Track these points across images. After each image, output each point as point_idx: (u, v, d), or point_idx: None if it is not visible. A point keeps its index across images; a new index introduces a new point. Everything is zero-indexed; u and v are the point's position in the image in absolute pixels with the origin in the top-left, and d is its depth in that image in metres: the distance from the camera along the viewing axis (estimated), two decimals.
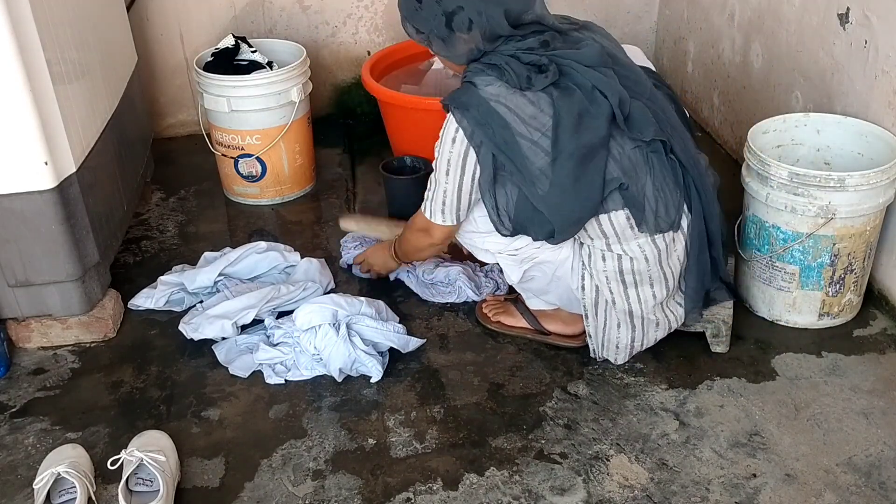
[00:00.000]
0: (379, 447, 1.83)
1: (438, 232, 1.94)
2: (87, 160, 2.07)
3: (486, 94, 1.74)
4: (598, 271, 1.88)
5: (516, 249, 1.90)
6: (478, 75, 1.77)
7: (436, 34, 1.81)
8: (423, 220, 1.94)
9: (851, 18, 2.18)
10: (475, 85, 1.76)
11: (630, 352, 1.99)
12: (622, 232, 1.83)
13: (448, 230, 1.94)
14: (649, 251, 1.85)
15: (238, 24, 3.07)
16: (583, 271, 1.90)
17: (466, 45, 1.80)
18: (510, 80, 1.74)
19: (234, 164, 2.71)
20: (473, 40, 1.78)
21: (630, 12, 3.36)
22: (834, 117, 2.18)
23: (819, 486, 1.70)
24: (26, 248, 1.98)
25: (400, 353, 2.06)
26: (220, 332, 2.09)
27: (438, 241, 1.98)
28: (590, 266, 1.88)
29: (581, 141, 1.74)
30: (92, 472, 1.74)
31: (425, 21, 1.80)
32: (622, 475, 1.74)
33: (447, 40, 1.80)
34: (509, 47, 1.77)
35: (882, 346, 2.07)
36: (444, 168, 1.82)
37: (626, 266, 1.85)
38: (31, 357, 2.12)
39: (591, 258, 1.88)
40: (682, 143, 1.89)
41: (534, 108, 1.73)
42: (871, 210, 1.98)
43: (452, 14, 1.76)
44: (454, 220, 1.90)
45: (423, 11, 1.79)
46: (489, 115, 1.73)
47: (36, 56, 1.84)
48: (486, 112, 1.74)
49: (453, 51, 1.82)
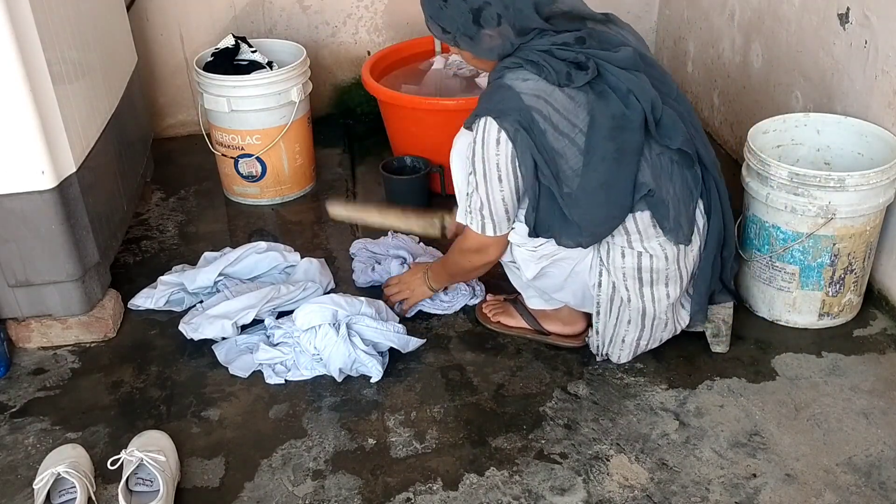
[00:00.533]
0: (379, 447, 1.83)
1: (495, 247, 1.88)
2: (87, 160, 2.07)
3: (524, 94, 1.69)
4: (616, 268, 1.87)
5: (537, 246, 1.87)
6: (513, 71, 1.73)
7: (463, 32, 1.75)
8: (479, 239, 1.86)
9: (851, 18, 2.18)
10: (510, 86, 1.71)
11: (634, 351, 1.99)
12: (645, 230, 1.82)
13: (505, 241, 1.88)
14: (669, 249, 1.85)
15: (238, 24, 3.07)
16: (601, 268, 1.89)
17: (495, 41, 1.75)
18: (549, 77, 1.70)
19: (234, 164, 2.71)
20: (503, 36, 1.74)
21: (630, 12, 3.36)
22: (834, 117, 2.18)
23: (819, 486, 1.70)
24: (26, 248, 1.98)
25: (400, 353, 2.06)
26: (220, 332, 2.09)
27: (495, 256, 1.92)
28: (608, 262, 1.87)
29: (615, 145, 1.73)
30: (92, 472, 1.74)
31: (451, 19, 1.75)
32: (622, 475, 1.74)
33: (475, 37, 1.75)
34: (543, 42, 1.72)
35: (882, 346, 2.07)
36: (496, 175, 1.75)
37: (646, 264, 1.85)
38: (31, 357, 2.12)
39: (610, 255, 1.87)
40: (704, 144, 1.89)
41: (573, 105, 1.71)
42: (871, 210, 1.98)
43: (480, 10, 1.71)
44: (514, 221, 1.85)
45: (448, 9, 1.74)
46: (529, 119, 1.69)
47: (36, 56, 1.84)
48: (526, 116, 1.69)
49: (482, 48, 1.77)
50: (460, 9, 1.73)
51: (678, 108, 1.83)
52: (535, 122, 1.70)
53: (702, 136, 1.90)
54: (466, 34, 1.76)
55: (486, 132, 1.73)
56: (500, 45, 1.76)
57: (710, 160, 1.88)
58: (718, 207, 1.90)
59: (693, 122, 1.88)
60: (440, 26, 1.78)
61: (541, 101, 1.70)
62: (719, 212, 1.90)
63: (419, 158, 2.63)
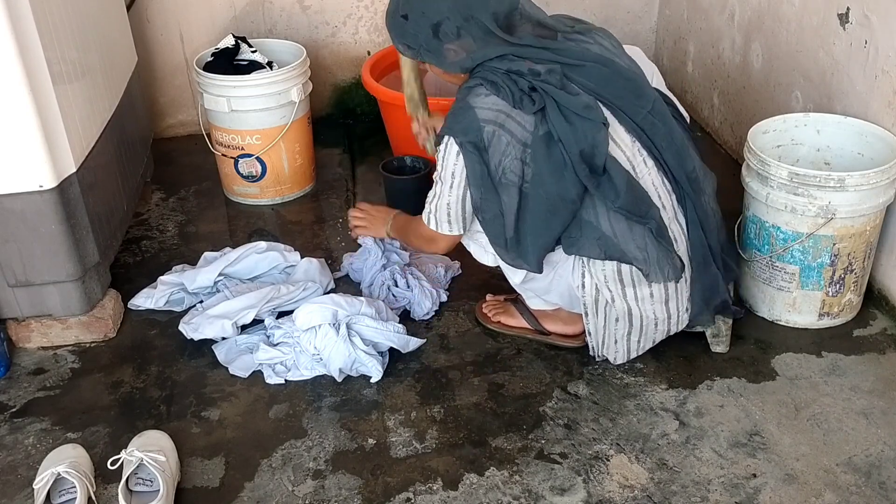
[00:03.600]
0: (379, 447, 1.83)
1: (444, 242, 1.96)
2: (87, 160, 2.07)
3: (481, 112, 1.75)
4: (597, 270, 1.88)
5: None
6: (474, 90, 1.78)
7: (425, 48, 1.81)
8: (428, 231, 1.95)
9: (851, 18, 2.18)
10: (470, 105, 1.77)
11: (630, 350, 1.99)
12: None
13: (454, 239, 1.95)
14: (651, 250, 1.85)
15: (238, 24, 3.07)
16: (582, 269, 1.90)
17: (459, 55, 1.80)
18: (506, 98, 1.75)
19: (234, 164, 2.71)
20: (465, 49, 1.79)
21: (630, 12, 3.36)
22: (834, 117, 2.18)
23: (819, 486, 1.70)
24: (26, 248, 1.98)
25: (400, 353, 2.06)
26: (220, 332, 2.09)
27: (442, 250, 2.01)
28: (589, 264, 1.88)
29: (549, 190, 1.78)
30: (92, 472, 1.74)
31: (414, 36, 1.81)
32: (622, 475, 1.74)
33: (438, 52, 1.81)
34: (502, 65, 1.77)
35: (882, 346, 2.07)
36: (450, 180, 1.82)
37: (625, 267, 1.85)
38: (31, 357, 2.12)
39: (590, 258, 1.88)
40: (679, 159, 1.88)
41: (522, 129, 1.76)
42: (871, 210, 1.98)
43: (439, 24, 1.77)
44: (461, 229, 1.91)
45: (409, 26, 1.80)
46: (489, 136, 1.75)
47: (36, 56, 1.84)
48: (481, 136, 1.75)
49: (445, 61, 1.83)
50: (420, 24, 1.78)
51: (653, 121, 1.84)
52: (495, 137, 1.75)
53: (678, 150, 1.88)
54: (429, 49, 1.81)
55: (447, 146, 1.80)
56: (463, 58, 1.81)
57: (682, 176, 1.88)
58: (697, 223, 1.90)
59: (672, 134, 1.87)
60: (404, 43, 1.84)
61: (501, 114, 1.75)
62: (698, 230, 1.90)
63: (419, 158, 2.63)
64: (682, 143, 1.90)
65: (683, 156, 1.89)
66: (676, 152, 1.88)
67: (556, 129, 1.75)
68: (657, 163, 1.86)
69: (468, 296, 2.29)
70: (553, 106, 1.75)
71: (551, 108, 1.75)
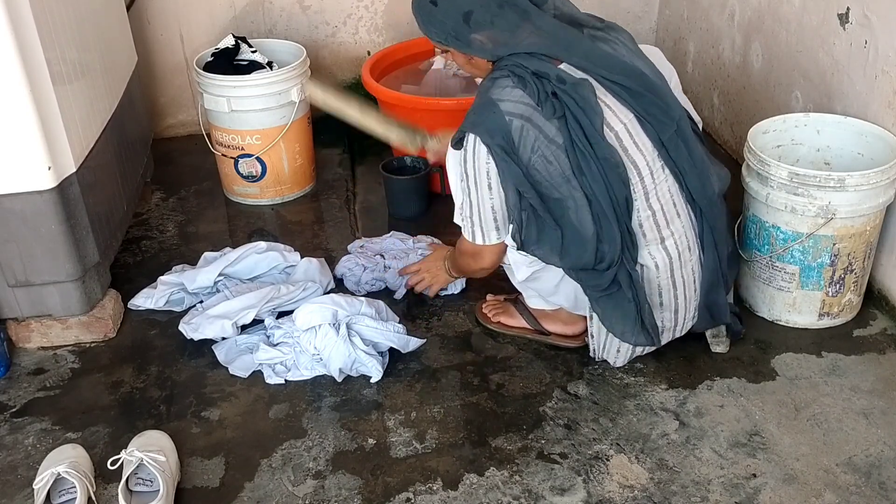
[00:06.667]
0: (379, 447, 1.83)
1: (490, 254, 1.89)
2: (87, 160, 2.07)
3: (507, 108, 1.71)
4: None
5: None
6: (500, 82, 1.74)
7: (453, 35, 1.77)
8: (473, 245, 1.87)
9: (851, 18, 2.18)
10: (494, 101, 1.72)
11: (631, 355, 1.99)
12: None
13: (500, 248, 1.88)
14: (660, 259, 1.85)
15: (238, 24, 3.07)
16: None
17: (487, 45, 1.76)
18: (531, 94, 1.71)
19: (234, 164, 2.71)
20: (493, 39, 1.75)
21: (630, 12, 3.36)
22: (834, 117, 2.18)
23: (819, 486, 1.70)
24: (26, 248, 1.98)
25: (400, 353, 2.06)
26: (220, 332, 2.09)
27: (490, 263, 1.92)
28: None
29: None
30: (92, 472, 1.74)
31: (442, 23, 1.76)
32: (622, 475, 1.74)
33: (467, 40, 1.77)
34: (531, 64, 1.72)
35: (882, 346, 2.07)
36: (486, 183, 1.76)
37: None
38: (31, 357, 2.12)
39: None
40: (701, 181, 1.86)
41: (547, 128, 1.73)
42: (871, 210, 1.98)
43: (470, 13, 1.73)
44: (507, 231, 1.84)
45: (438, 12, 1.76)
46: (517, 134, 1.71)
47: (36, 56, 1.84)
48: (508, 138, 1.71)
49: (473, 50, 1.78)
50: (450, 11, 1.75)
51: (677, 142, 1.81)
52: (523, 131, 1.71)
53: (700, 171, 1.86)
54: (457, 37, 1.77)
55: (474, 146, 1.74)
56: (491, 48, 1.77)
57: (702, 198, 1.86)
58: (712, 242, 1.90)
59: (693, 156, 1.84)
60: (433, 29, 1.79)
61: (529, 108, 1.71)
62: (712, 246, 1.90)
63: (419, 158, 2.63)
64: (703, 166, 1.87)
65: (704, 180, 1.87)
66: (698, 175, 1.86)
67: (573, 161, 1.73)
68: (680, 186, 1.85)
69: (468, 296, 2.29)
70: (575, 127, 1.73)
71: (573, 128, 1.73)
